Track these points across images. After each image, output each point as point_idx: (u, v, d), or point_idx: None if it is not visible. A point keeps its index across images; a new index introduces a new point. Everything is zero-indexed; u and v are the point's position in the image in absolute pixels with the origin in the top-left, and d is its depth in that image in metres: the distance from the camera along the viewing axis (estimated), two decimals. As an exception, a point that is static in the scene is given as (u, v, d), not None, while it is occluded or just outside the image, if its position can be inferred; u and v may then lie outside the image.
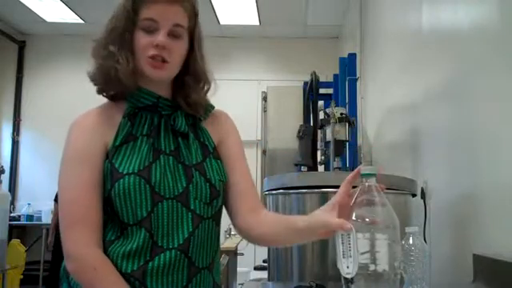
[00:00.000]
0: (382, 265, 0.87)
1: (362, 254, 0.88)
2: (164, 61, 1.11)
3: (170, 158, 1.11)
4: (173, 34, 1.11)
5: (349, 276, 0.89)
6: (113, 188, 1.06)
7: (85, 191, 1.06)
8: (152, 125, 1.14)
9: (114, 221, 1.08)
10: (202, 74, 1.19)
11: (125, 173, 1.06)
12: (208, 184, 1.12)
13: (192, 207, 1.09)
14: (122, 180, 1.05)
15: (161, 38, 1.09)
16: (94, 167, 1.08)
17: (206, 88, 1.20)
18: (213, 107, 1.24)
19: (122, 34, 1.12)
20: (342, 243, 0.90)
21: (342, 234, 0.90)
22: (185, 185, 1.09)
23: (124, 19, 1.12)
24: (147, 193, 1.05)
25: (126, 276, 1.05)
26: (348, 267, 0.88)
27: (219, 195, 1.15)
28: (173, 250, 1.06)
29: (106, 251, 1.07)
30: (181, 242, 1.07)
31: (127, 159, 1.08)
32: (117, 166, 1.07)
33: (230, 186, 1.19)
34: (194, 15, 1.17)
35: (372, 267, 0.88)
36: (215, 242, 1.16)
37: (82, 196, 1.06)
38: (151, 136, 1.12)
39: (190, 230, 1.08)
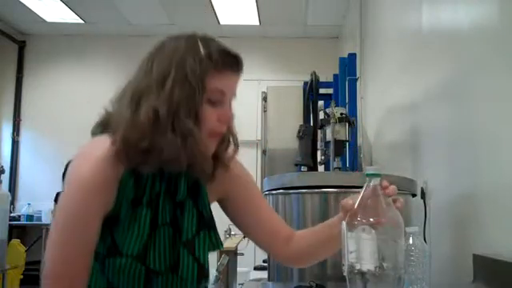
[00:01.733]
0: (368, 265, 0.88)
1: (351, 252, 0.89)
2: (220, 133, 1.04)
3: (167, 231, 1.05)
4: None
5: (344, 274, 0.90)
6: (108, 259, 1.00)
7: (80, 255, 0.98)
8: (153, 189, 1.04)
9: (98, 279, 1.02)
10: (230, 134, 1.10)
11: (123, 253, 0.99)
12: (196, 263, 1.06)
13: (184, 283, 1.06)
14: (119, 259, 0.99)
15: (230, 112, 1.02)
16: (93, 229, 0.99)
17: (229, 146, 1.11)
18: (228, 167, 1.13)
19: (197, 107, 0.97)
20: (345, 242, 0.91)
21: (343, 233, 0.91)
22: (175, 261, 1.05)
23: (199, 88, 0.97)
24: (142, 272, 1.00)
25: None
26: (343, 265, 0.90)
27: (207, 275, 1.09)
28: None
29: None
30: None
31: (126, 234, 1.00)
32: (117, 241, 1.00)
33: (256, 226, 1.19)
34: None
35: (357, 266, 0.88)
36: None
37: (76, 259, 0.97)
38: (151, 206, 1.03)
39: None
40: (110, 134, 1.00)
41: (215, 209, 1.24)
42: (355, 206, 0.93)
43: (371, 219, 0.90)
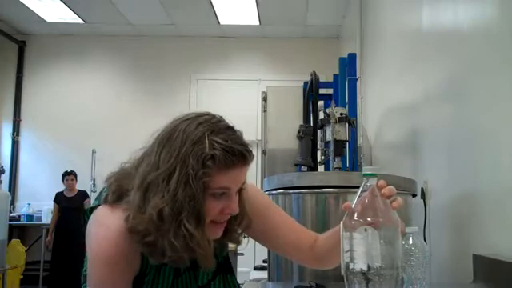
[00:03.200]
0: (360, 264, 0.88)
1: (346, 252, 0.90)
2: (224, 222, 1.04)
3: (188, 276, 1.08)
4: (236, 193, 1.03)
5: (342, 273, 0.91)
6: None
7: None
8: None
9: None
10: (242, 214, 1.09)
11: None
12: None
13: None
14: None
15: (235, 205, 1.01)
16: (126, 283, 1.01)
17: (242, 222, 1.11)
18: (239, 243, 1.16)
19: (199, 209, 0.97)
20: (341, 242, 0.92)
21: (341, 233, 0.92)
22: None
23: (201, 191, 0.95)
24: None
25: None
26: (341, 265, 0.91)
27: None
28: None
29: None
30: None
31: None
32: None
33: (282, 242, 1.20)
34: None
35: (351, 266, 0.89)
36: None
37: None
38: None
39: None
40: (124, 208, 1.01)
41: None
42: (352, 206, 0.93)
43: (368, 219, 0.90)
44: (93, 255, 1.01)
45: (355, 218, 0.91)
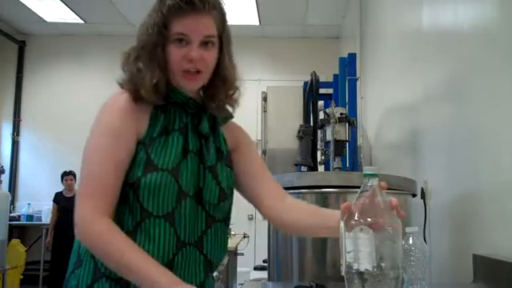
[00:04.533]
0: (365, 264, 0.88)
1: (348, 252, 0.90)
2: (198, 71, 1.14)
3: (195, 158, 1.15)
4: (205, 44, 1.14)
5: (342, 274, 0.91)
6: (144, 177, 1.08)
7: (111, 169, 1.07)
8: (181, 122, 1.17)
9: (133, 209, 1.09)
10: (229, 76, 1.22)
11: (159, 167, 1.09)
12: (218, 187, 1.17)
13: (207, 207, 1.16)
14: (155, 173, 1.08)
15: (194, 52, 1.12)
16: (125, 147, 1.09)
17: (232, 91, 1.24)
18: (232, 117, 1.28)
19: (152, 50, 1.13)
20: (343, 241, 0.91)
21: (341, 233, 0.91)
22: (201, 185, 1.15)
23: (155, 34, 1.12)
24: (175, 190, 1.09)
25: None
26: (342, 265, 0.91)
27: (227, 198, 1.20)
28: (192, 246, 1.13)
29: None
30: (196, 239, 1.14)
31: (162, 153, 1.11)
32: (152, 157, 1.09)
33: (252, 177, 1.28)
34: (222, 21, 1.21)
35: (355, 266, 0.88)
36: (225, 242, 1.23)
37: (106, 172, 1.07)
38: (182, 132, 1.16)
39: (203, 228, 1.15)
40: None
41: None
42: (352, 206, 0.93)
43: (369, 219, 0.90)
44: (100, 110, 1.14)
45: (356, 219, 0.91)
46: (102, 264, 1.06)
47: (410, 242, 1.15)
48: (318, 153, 3.24)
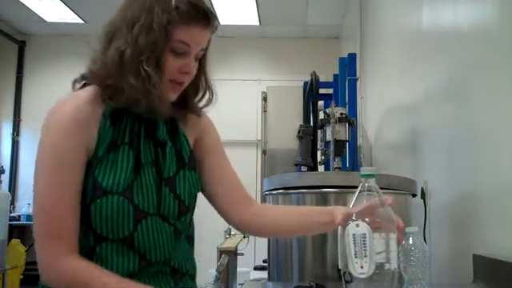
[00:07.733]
0: (394, 263, 0.89)
1: (379, 253, 0.89)
2: (182, 83, 1.08)
3: (150, 170, 1.08)
4: (195, 57, 1.08)
5: (363, 276, 0.89)
6: (93, 203, 1.01)
7: (66, 200, 0.99)
8: (133, 131, 1.08)
9: (87, 234, 1.03)
10: (204, 83, 1.17)
11: (108, 190, 1.00)
12: (177, 201, 1.10)
13: (172, 222, 1.09)
14: (104, 198, 1.00)
15: (193, 65, 1.06)
16: (74, 172, 1.00)
17: (203, 93, 1.18)
18: (198, 113, 1.20)
19: (159, 55, 1.02)
20: (354, 243, 0.89)
21: (353, 234, 0.90)
22: (161, 201, 1.08)
23: (162, 37, 1.01)
24: (130, 212, 1.02)
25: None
26: (363, 267, 0.88)
27: (188, 211, 1.14)
28: (160, 264, 1.07)
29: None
30: (167, 257, 1.08)
31: (109, 173, 1.02)
32: (100, 180, 1.01)
33: (218, 183, 1.21)
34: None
35: (387, 266, 0.88)
36: (192, 253, 1.18)
37: (59, 204, 0.98)
38: (132, 145, 1.07)
39: (173, 244, 1.09)
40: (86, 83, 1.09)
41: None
42: (351, 207, 0.93)
43: (367, 219, 0.90)
44: (48, 126, 1.06)
45: (354, 219, 0.91)
46: None
47: (410, 241, 1.14)
48: (318, 153, 3.24)
